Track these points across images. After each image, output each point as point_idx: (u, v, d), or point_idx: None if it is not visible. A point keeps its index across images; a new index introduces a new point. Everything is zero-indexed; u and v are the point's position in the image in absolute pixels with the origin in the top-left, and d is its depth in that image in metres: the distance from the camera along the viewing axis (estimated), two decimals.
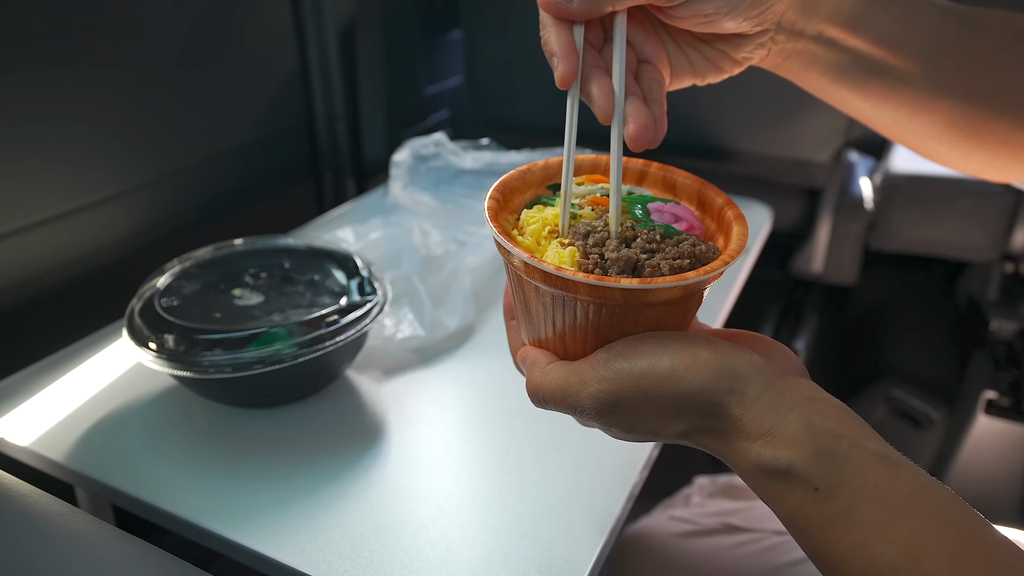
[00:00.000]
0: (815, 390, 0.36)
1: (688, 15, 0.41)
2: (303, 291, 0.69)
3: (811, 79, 0.48)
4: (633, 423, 0.37)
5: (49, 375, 0.70)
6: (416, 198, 0.99)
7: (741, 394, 0.35)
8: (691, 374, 0.35)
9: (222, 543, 0.53)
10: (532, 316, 0.41)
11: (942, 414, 1.36)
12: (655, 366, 0.36)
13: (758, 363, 0.36)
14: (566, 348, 0.40)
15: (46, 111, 0.76)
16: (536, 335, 0.42)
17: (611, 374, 0.36)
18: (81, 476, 0.58)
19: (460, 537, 0.53)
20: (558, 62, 0.41)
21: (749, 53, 0.45)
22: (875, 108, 0.49)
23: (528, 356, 0.41)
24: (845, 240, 1.26)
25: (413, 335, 0.73)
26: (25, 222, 0.76)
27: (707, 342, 0.36)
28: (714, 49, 0.45)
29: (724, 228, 0.41)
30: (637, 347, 0.37)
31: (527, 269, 0.37)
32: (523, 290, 0.40)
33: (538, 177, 0.45)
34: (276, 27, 1.06)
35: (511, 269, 0.40)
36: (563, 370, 0.38)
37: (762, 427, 0.34)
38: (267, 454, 0.60)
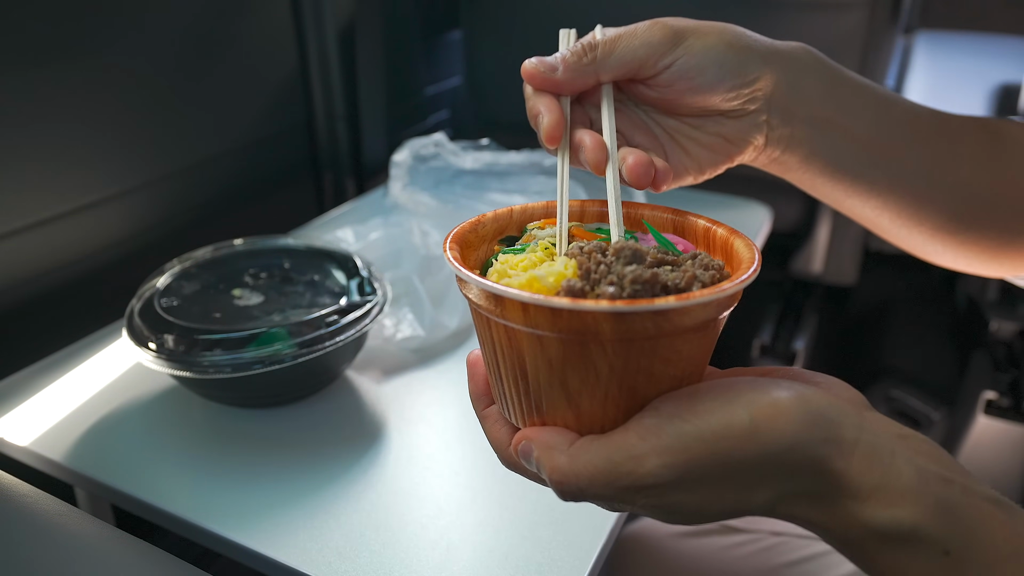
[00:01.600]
0: (895, 424, 0.31)
1: (673, 80, 0.41)
2: (303, 291, 0.69)
3: (813, 173, 0.46)
4: (705, 502, 0.30)
5: (49, 375, 0.70)
6: (416, 198, 0.99)
7: (838, 442, 0.28)
8: (778, 426, 0.28)
9: (222, 543, 0.53)
10: (530, 384, 0.33)
11: (942, 414, 1.36)
12: (730, 423, 0.29)
13: (838, 399, 0.30)
14: (581, 416, 0.32)
15: (46, 111, 0.76)
16: (536, 410, 0.34)
17: (672, 442, 0.29)
18: (81, 476, 0.58)
19: (460, 537, 0.53)
20: (543, 116, 0.39)
21: (745, 135, 0.43)
22: (875, 209, 0.48)
23: (536, 440, 0.33)
24: (845, 240, 1.26)
25: (413, 335, 0.73)
26: (25, 222, 0.76)
27: (773, 383, 0.30)
28: (708, 135, 0.44)
29: (719, 248, 0.37)
30: (695, 402, 0.30)
31: (527, 315, 0.30)
32: (516, 352, 0.32)
33: (490, 230, 0.39)
34: (276, 27, 1.06)
35: (494, 329, 0.33)
36: (599, 448, 0.30)
37: (870, 481, 0.28)
38: (267, 454, 0.60)
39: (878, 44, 1.08)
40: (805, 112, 0.43)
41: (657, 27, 0.41)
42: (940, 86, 1.46)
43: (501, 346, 0.33)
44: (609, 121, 0.40)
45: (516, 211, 0.40)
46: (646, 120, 0.45)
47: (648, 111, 0.45)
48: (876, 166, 0.46)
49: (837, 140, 0.45)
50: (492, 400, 0.38)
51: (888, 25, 1.07)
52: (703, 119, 0.44)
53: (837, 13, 1.06)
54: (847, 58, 1.08)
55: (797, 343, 1.31)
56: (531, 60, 0.41)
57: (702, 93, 0.41)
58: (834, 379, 0.33)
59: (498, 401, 0.37)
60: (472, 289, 0.33)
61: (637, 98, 0.44)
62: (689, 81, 0.41)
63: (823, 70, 0.44)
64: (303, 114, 1.14)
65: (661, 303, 0.28)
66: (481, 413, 0.38)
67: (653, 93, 0.42)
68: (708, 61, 0.40)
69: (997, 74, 1.44)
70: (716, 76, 0.41)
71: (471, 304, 0.34)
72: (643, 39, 0.40)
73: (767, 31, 0.45)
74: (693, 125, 0.44)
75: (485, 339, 0.34)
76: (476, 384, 0.39)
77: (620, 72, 0.41)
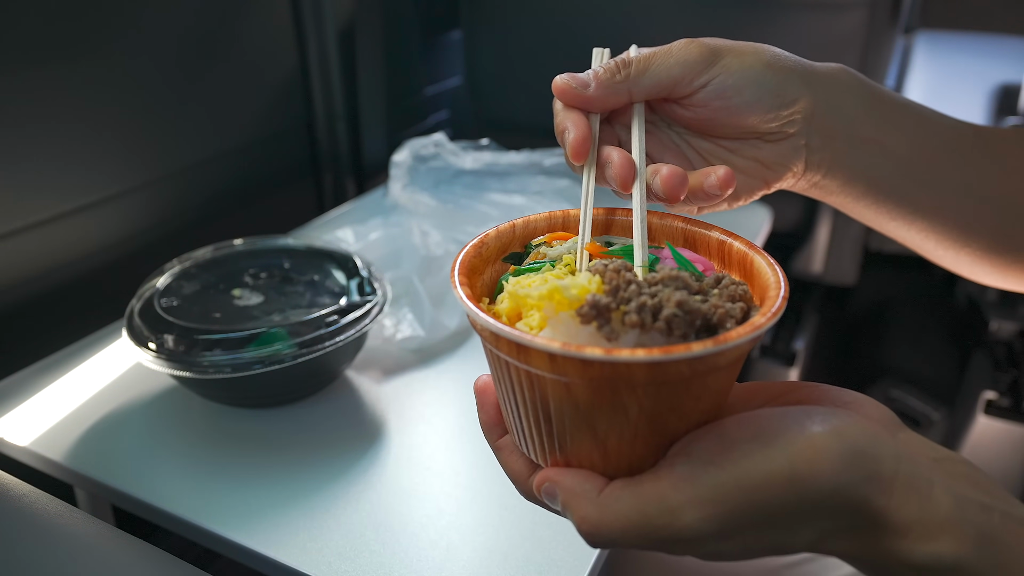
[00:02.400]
0: (930, 445, 0.30)
1: (709, 99, 0.40)
2: (303, 291, 0.69)
3: (855, 196, 0.45)
4: (746, 547, 0.29)
5: (49, 375, 0.70)
6: (416, 198, 0.99)
7: (878, 478, 0.27)
8: (818, 470, 0.27)
9: (222, 543, 0.53)
10: (553, 426, 0.31)
11: (942, 414, 1.36)
12: (769, 471, 0.27)
13: (872, 427, 0.29)
14: (608, 456, 0.31)
15: (46, 111, 0.76)
16: (559, 448, 0.32)
17: (708, 493, 0.28)
18: (81, 476, 0.58)
19: (460, 537, 0.53)
20: (569, 132, 0.38)
21: (783, 160, 0.42)
22: (921, 231, 0.46)
23: (560, 484, 0.31)
24: (845, 241, 1.26)
25: (413, 335, 0.73)
26: (25, 222, 0.76)
27: (805, 415, 0.29)
28: (744, 159, 0.42)
29: (736, 264, 0.36)
30: (728, 446, 0.28)
31: (554, 364, 0.28)
32: (539, 395, 0.30)
33: (493, 250, 0.37)
34: (276, 27, 1.06)
35: (513, 372, 0.31)
36: (630, 499, 0.29)
37: (910, 514, 0.27)
38: (267, 454, 0.60)
39: (878, 44, 1.08)
40: (846, 133, 0.42)
41: (693, 46, 0.40)
42: (940, 86, 1.46)
43: (521, 388, 0.31)
44: (639, 140, 0.39)
45: (519, 225, 0.39)
46: (678, 142, 0.43)
47: (681, 133, 0.43)
48: (919, 185, 0.44)
49: (878, 160, 0.43)
50: (505, 430, 0.36)
51: (888, 25, 1.07)
52: (739, 143, 0.42)
53: (837, 13, 1.06)
54: (847, 58, 1.08)
55: (797, 343, 1.31)
56: (563, 76, 0.40)
57: (739, 114, 0.40)
58: (863, 397, 0.32)
59: (514, 434, 0.35)
60: (484, 329, 0.31)
61: (671, 118, 0.43)
62: (726, 101, 0.40)
63: (862, 90, 0.43)
64: (303, 114, 1.14)
65: (699, 349, 0.27)
66: (495, 444, 0.36)
67: (688, 113, 0.41)
68: (745, 81, 0.40)
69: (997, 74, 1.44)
70: (754, 96, 0.40)
71: (486, 344, 0.32)
72: (678, 57, 0.40)
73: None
74: (729, 149, 0.43)
75: (502, 379, 0.32)
76: (487, 413, 0.37)
77: (654, 90, 0.40)
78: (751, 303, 0.32)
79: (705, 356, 0.27)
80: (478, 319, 0.30)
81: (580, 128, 0.38)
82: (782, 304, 0.30)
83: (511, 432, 0.35)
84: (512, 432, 0.35)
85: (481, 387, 0.37)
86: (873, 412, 0.31)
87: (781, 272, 0.33)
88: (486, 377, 0.36)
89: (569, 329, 0.30)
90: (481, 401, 0.37)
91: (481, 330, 0.31)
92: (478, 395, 0.37)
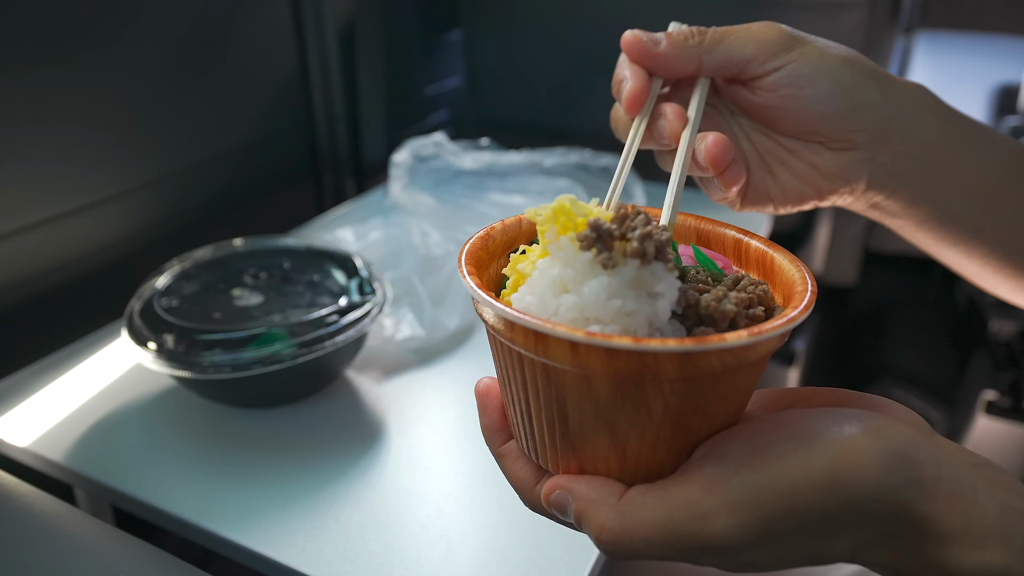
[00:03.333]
0: (966, 451, 0.29)
1: (780, 85, 0.37)
2: (303, 291, 0.69)
3: (916, 220, 0.43)
4: (780, 557, 0.27)
5: (49, 375, 0.70)
6: (416, 198, 0.99)
7: (921, 483, 0.26)
8: (860, 473, 0.25)
9: (222, 543, 0.53)
10: (569, 426, 0.29)
11: (942, 414, 1.36)
12: (808, 473, 0.25)
13: (909, 430, 0.27)
14: (626, 459, 0.29)
15: (46, 111, 0.76)
16: (572, 451, 0.30)
17: (743, 497, 0.25)
18: (81, 476, 0.58)
19: (460, 537, 0.53)
20: (627, 81, 0.36)
21: (844, 173, 0.39)
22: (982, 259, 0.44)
23: (574, 491, 0.29)
24: (845, 241, 1.26)
25: (413, 335, 0.73)
26: (25, 222, 0.76)
27: (842, 416, 0.27)
28: (802, 163, 0.40)
29: (754, 263, 0.34)
30: (763, 447, 0.26)
31: (575, 355, 0.26)
32: (554, 392, 0.28)
33: (499, 244, 0.35)
34: (276, 27, 1.06)
35: (527, 366, 0.29)
36: (655, 503, 0.27)
37: (956, 522, 0.26)
38: (267, 454, 0.60)
39: (878, 44, 1.08)
40: (917, 155, 0.40)
41: (773, 28, 0.38)
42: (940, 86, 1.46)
43: (534, 384, 0.29)
44: (696, 112, 0.37)
45: (525, 220, 0.36)
46: (736, 132, 0.41)
47: (742, 124, 0.41)
48: (985, 213, 0.42)
49: (947, 186, 0.41)
50: (509, 435, 0.34)
51: (888, 25, 1.07)
52: (801, 143, 0.40)
53: (837, 13, 1.06)
54: None
55: (797, 343, 1.31)
56: (633, 30, 0.38)
57: (807, 108, 0.38)
58: (889, 400, 0.30)
59: (520, 438, 0.33)
60: (497, 319, 0.28)
61: (735, 103, 0.40)
62: (797, 90, 0.37)
63: (939, 111, 0.41)
64: (303, 114, 1.14)
65: (734, 340, 0.25)
66: (498, 451, 0.34)
67: (755, 98, 0.39)
68: (822, 73, 0.37)
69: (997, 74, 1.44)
70: (827, 90, 0.37)
71: (494, 335, 0.30)
72: (756, 35, 0.38)
73: None
74: (788, 148, 0.40)
75: (511, 374, 0.30)
76: (490, 417, 0.34)
77: (725, 64, 0.38)
78: (772, 303, 0.31)
79: (737, 348, 0.26)
80: (492, 308, 0.28)
81: (640, 79, 0.36)
82: (812, 299, 0.29)
83: (517, 436, 0.33)
84: (518, 436, 0.33)
85: (483, 390, 0.34)
86: (905, 416, 0.30)
87: (806, 268, 0.31)
88: (488, 379, 0.35)
89: (568, 256, 0.28)
90: (483, 404, 0.34)
91: (494, 321, 0.29)
92: (480, 398, 0.35)
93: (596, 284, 0.27)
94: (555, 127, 1.25)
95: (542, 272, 0.29)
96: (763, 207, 0.41)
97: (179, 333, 0.61)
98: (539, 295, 0.29)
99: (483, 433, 0.35)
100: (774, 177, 0.41)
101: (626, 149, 0.37)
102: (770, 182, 0.41)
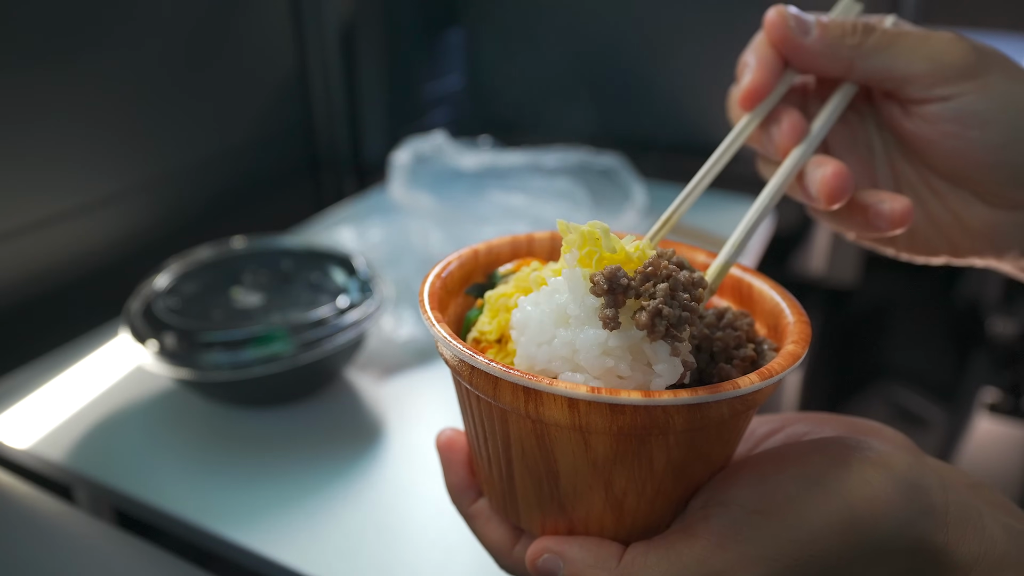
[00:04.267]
0: (959, 470, 0.27)
1: (941, 119, 0.30)
2: (303, 291, 0.69)
3: None
4: None
5: (48, 375, 0.70)
6: (416, 197, 0.99)
7: (932, 512, 0.24)
8: (879, 511, 0.24)
9: (222, 543, 0.53)
10: (559, 487, 0.26)
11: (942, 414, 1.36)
12: (827, 517, 0.24)
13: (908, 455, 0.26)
14: (622, 517, 0.26)
15: (45, 111, 0.76)
16: (560, 511, 0.27)
17: (758, 550, 0.24)
18: (80, 477, 0.58)
19: (460, 537, 0.53)
20: (751, 69, 0.31)
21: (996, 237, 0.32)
22: None
23: (566, 555, 0.26)
24: (846, 242, 1.26)
25: (413, 335, 0.73)
26: (25, 222, 0.76)
27: (843, 447, 0.26)
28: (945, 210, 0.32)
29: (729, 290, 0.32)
30: (771, 490, 0.24)
31: (574, 413, 0.24)
32: (543, 452, 0.26)
33: (457, 281, 0.32)
34: (276, 26, 1.06)
35: (512, 424, 0.26)
36: (662, 564, 0.24)
37: (969, 551, 0.24)
38: (267, 454, 0.60)
39: None
40: None
41: (958, 45, 0.30)
42: None
43: (519, 443, 0.26)
44: (821, 129, 0.31)
45: (481, 252, 0.33)
46: (876, 150, 0.34)
47: (887, 142, 0.34)
48: None
49: None
50: (479, 492, 0.31)
51: None
52: (950, 187, 0.32)
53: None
54: None
55: None
56: (782, 8, 0.32)
57: (972, 153, 0.30)
58: (879, 424, 0.29)
59: (494, 497, 0.29)
60: (474, 372, 0.25)
61: (885, 122, 0.33)
62: (963, 129, 0.30)
63: None
64: (303, 113, 1.14)
65: (747, 386, 0.24)
66: (468, 512, 0.31)
67: (909, 125, 0.32)
68: (1001, 115, 0.30)
69: None
70: (1002, 138, 0.30)
71: (469, 388, 0.26)
72: (932, 50, 0.30)
73: None
74: (933, 189, 0.33)
75: (488, 430, 0.27)
76: (456, 475, 0.31)
77: (881, 76, 0.31)
78: (757, 337, 0.29)
79: (747, 395, 0.24)
80: (475, 363, 0.25)
81: (765, 72, 0.30)
82: (808, 329, 0.27)
83: (491, 495, 0.30)
84: (492, 494, 0.30)
85: (446, 443, 0.31)
86: (894, 438, 0.28)
87: (788, 294, 0.29)
88: (451, 432, 0.32)
89: (577, 291, 0.26)
90: (448, 460, 0.31)
91: (470, 375, 0.26)
92: (443, 452, 0.31)
93: (593, 336, 0.25)
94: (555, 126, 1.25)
95: (551, 292, 0.27)
96: (881, 248, 0.35)
97: (179, 333, 0.61)
98: (539, 318, 0.26)
99: (449, 492, 0.31)
100: (937, 233, 0.34)
101: (721, 148, 0.31)
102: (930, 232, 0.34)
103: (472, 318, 0.31)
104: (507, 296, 0.29)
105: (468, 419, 0.29)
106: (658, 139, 1.14)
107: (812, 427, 0.30)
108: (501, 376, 0.24)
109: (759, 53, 0.32)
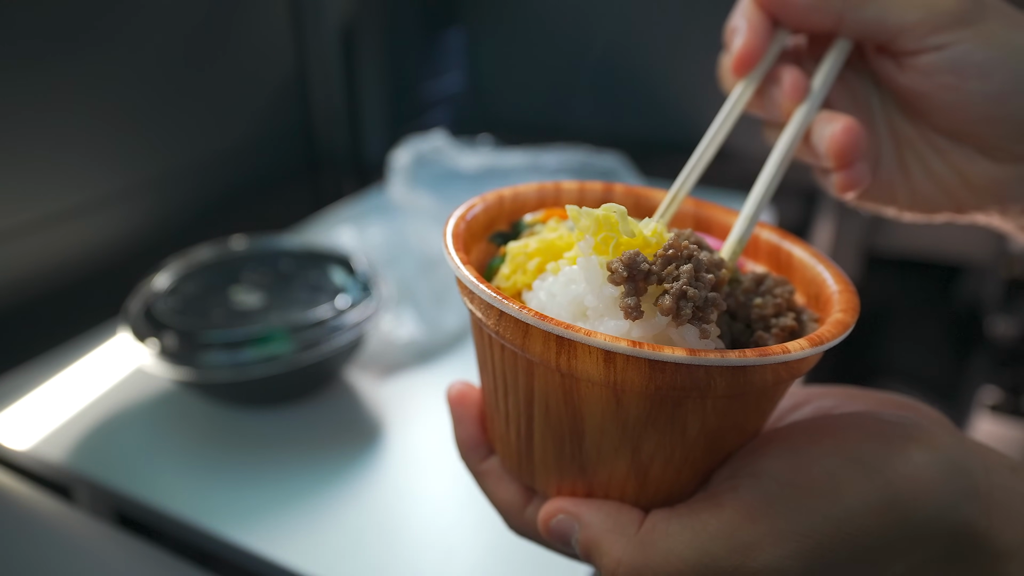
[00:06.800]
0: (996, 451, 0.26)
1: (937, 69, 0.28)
2: (303, 291, 0.69)
3: None
4: None
5: (47, 375, 0.70)
6: (416, 198, 0.99)
7: (976, 495, 0.23)
8: (922, 492, 0.22)
9: (222, 543, 0.53)
10: (583, 448, 0.25)
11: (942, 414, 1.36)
12: (866, 495, 0.22)
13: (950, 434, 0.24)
14: (645, 484, 0.25)
15: (45, 111, 0.76)
16: (580, 474, 0.26)
17: (790, 524, 0.22)
18: (80, 477, 0.58)
19: (460, 537, 0.53)
20: (739, 33, 0.30)
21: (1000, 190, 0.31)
22: None
23: (582, 518, 0.25)
24: (846, 242, 1.26)
25: (413, 335, 0.73)
26: (25, 222, 0.76)
27: (881, 421, 0.24)
28: (947, 167, 0.31)
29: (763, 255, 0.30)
30: (805, 463, 0.23)
31: (609, 368, 0.22)
32: (570, 409, 0.24)
33: (481, 225, 0.30)
34: (276, 26, 1.06)
35: (537, 377, 0.24)
36: (685, 534, 0.23)
37: (1012, 538, 0.23)
38: (267, 454, 0.60)
39: None
40: None
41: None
42: None
43: (544, 400, 0.25)
44: (821, 86, 0.30)
45: (506, 197, 0.31)
46: (874, 110, 0.33)
47: (885, 101, 0.33)
48: None
49: None
50: (490, 449, 0.30)
51: None
52: (952, 143, 0.31)
53: None
54: None
55: None
56: None
57: (971, 106, 0.29)
58: (914, 401, 0.27)
59: (507, 456, 0.28)
60: (501, 319, 0.24)
61: (880, 79, 0.32)
62: (960, 80, 0.28)
63: None
64: (302, 113, 1.14)
65: (797, 351, 0.22)
66: (478, 469, 0.29)
67: (903, 79, 0.30)
68: (1000, 63, 0.28)
69: None
70: (1003, 87, 0.28)
71: (493, 337, 0.25)
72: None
73: None
74: (935, 146, 0.32)
75: (510, 384, 0.26)
76: (466, 430, 0.29)
77: (872, 27, 0.29)
78: (796, 306, 0.27)
79: (793, 361, 0.23)
80: (506, 309, 0.23)
81: (756, 33, 0.29)
82: (856, 299, 0.26)
83: (504, 454, 0.29)
84: (507, 454, 0.28)
85: (457, 396, 0.30)
86: (931, 414, 0.26)
87: (831, 262, 0.27)
88: (462, 385, 0.30)
89: (594, 280, 0.24)
90: (459, 414, 0.30)
91: (503, 323, 0.24)
92: (454, 406, 0.30)
93: (615, 328, 0.23)
94: (555, 125, 1.25)
95: (567, 281, 0.25)
96: (883, 208, 0.34)
97: (179, 333, 0.61)
98: (554, 312, 0.25)
99: (458, 448, 0.30)
100: (907, 176, 0.33)
101: (719, 119, 0.30)
102: (900, 181, 0.33)
103: (495, 266, 0.29)
104: (528, 256, 0.27)
105: (487, 371, 0.27)
106: (658, 139, 1.14)
107: (841, 401, 0.28)
108: (534, 323, 0.22)
109: (747, 15, 0.30)
